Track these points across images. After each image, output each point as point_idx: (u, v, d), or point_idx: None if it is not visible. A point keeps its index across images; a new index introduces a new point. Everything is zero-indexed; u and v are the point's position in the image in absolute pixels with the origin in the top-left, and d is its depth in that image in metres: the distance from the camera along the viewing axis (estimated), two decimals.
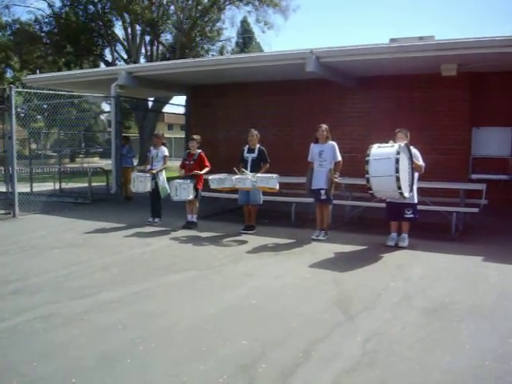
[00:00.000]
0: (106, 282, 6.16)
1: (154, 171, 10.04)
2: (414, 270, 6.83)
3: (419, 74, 12.05)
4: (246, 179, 8.66)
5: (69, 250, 7.98)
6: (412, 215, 7.93)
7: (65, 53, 29.95)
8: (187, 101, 17.54)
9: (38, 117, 32.67)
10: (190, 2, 29.13)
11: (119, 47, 29.66)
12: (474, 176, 11.80)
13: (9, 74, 37.28)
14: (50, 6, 29.36)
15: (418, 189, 8.15)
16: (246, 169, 9.02)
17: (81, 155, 27.34)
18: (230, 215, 11.06)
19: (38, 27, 29.55)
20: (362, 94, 13.20)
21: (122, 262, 7.25)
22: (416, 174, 7.79)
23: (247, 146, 9.30)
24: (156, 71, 13.97)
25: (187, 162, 9.80)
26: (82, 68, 31.93)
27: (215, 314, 5.01)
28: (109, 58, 30.16)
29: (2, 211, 11.46)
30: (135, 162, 17.23)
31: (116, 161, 13.92)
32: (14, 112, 11.29)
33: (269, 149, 9.45)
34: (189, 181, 9.50)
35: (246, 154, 9.22)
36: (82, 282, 6.18)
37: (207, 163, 9.74)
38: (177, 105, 29.30)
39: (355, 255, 7.66)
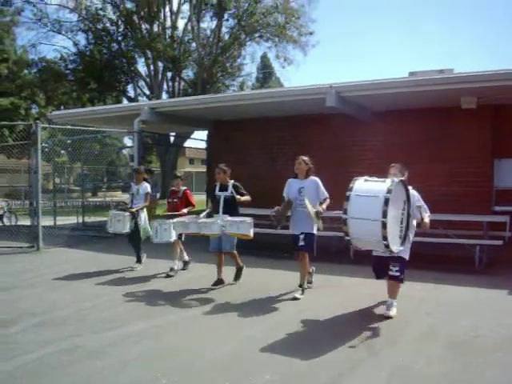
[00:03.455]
0: (127, 315, 6.21)
1: (134, 209, 9.13)
2: (438, 302, 6.76)
3: (439, 107, 12.08)
4: (213, 224, 7.35)
5: (91, 284, 8.05)
6: (398, 273, 6.07)
7: (89, 89, 30.72)
8: (208, 135, 17.74)
9: (62, 151, 33.44)
10: (210, 39, 29.72)
11: (142, 83, 30.30)
12: (498, 208, 11.68)
13: (34, 110, 38.29)
14: (76, 44, 30.30)
15: (439, 221, 7.75)
16: (218, 209, 7.70)
17: (103, 189, 27.73)
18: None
19: (63, 65, 30.37)
20: (381, 127, 13.21)
21: (144, 295, 7.32)
22: (414, 222, 6.17)
23: (219, 183, 8.00)
24: (178, 107, 14.18)
25: (170, 200, 9.08)
26: (105, 103, 32.62)
27: (235, 349, 5.01)
28: (131, 93, 30.82)
29: (27, 244, 11.60)
30: (158, 195, 17.39)
31: None
32: (39, 147, 11.57)
33: None
34: (170, 221, 8.42)
35: (217, 192, 7.88)
36: (104, 315, 6.23)
37: (193, 201, 9.03)
38: (198, 139, 29.70)
39: (374, 288, 7.34)
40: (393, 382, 4.18)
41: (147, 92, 29.60)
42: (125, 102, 35.29)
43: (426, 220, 6.00)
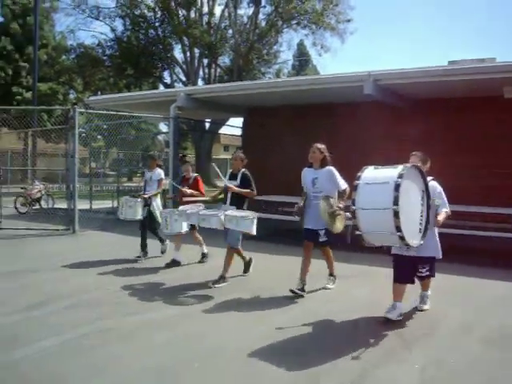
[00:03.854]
0: (152, 301, 6.26)
1: (146, 196, 8.87)
2: (471, 297, 6.62)
3: (480, 97, 11.76)
4: (213, 217, 6.74)
5: (124, 266, 8.19)
6: (428, 272, 5.68)
7: (125, 75, 30.96)
8: (244, 122, 17.70)
9: (99, 137, 33.90)
10: (247, 26, 29.59)
11: (178, 70, 30.39)
12: None
13: (72, 95, 38.86)
14: (113, 30, 30.59)
15: (471, 214, 7.12)
16: (226, 201, 7.17)
17: (138, 174, 28.01)
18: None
19: (100, 51, 30.67)
20: (419, 116, 12.96)
21: (177, 279, 7.35)
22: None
23: (230, 170, 7.52)
24: (214, 93, 14.17)
25: (181, 187, 8.71)
26: (141, 89, 32.85)
27: (264, 335, 4.99)
28: (168, 80, 30.95)
29: (63, 227, 11.81)
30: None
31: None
32: (77, 132, 11.71)
33: None
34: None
35: (226, 181, 7.27)
36: (130, 299, 6.33)
37: (202, 189, 8.54)
38: (233, 126, 29.65)
39: None
40: (426, 376, 4.10)
41: (183, 78, 29.70)
42: (161, 88, 35.47)
43: (439, 217, 5.40)
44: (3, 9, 37.36)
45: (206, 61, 29.98)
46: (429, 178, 5.46)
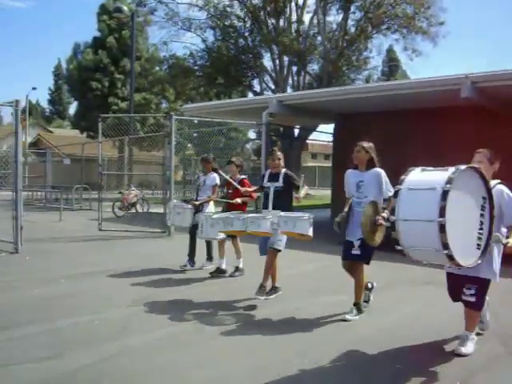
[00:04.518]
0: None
1: (197, 203, 8.18)
2: None
3: None
4: (262, 219, 6.04)
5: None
6: (473, 298, 4.54)
7: (216, 84, 31.61)
8: (335, 128, 17.54)
9: (189, 145, 34.77)
10: (336, 33, 29.40)
11: (267, 78, 30.62)
12: None
13: (164, 105, 40.17)
14: (204, 40, 31.27)
15: None
16: (267, 205, 6.48)
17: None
18: None
19: (192, 61, 31.47)
20: None
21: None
22: (503, 229, 4.50)
23: (268, 170, 6.82)
24: (306, 99, 14.15)
25: (225, 191, 8.22)
26: (230, 98, 33.48)
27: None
28: (257, 88, 31.28)
29: (159, 230, 12.25)
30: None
31: None
32: (173, 138, 12.03)
33: None
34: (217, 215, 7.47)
35: (266, 183, 6.64)
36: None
37: (252, 192, 7.42)
38: (324, 132, 29.48)
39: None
40: None
41: (272, 86, 29.89)
42: (249, 96, 35.84)
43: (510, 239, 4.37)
44: (100, 24, 39.27)
45: (294, 68, 30.03)
46: (494, 182, 4.50)
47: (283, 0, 28.25)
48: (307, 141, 29.46)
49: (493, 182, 4.44)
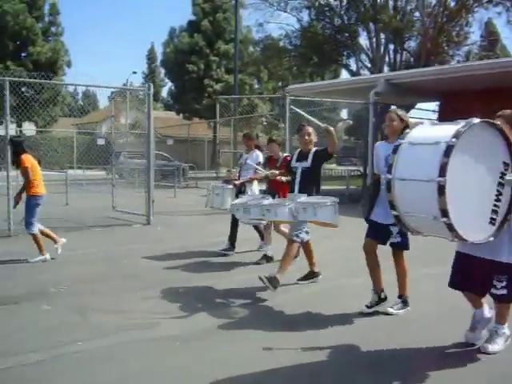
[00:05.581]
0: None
1: (238, 182, 7.58)
2: None
3: None
4: (280, 206, 5.40)
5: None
6: (506, 291, 3.80)
7: (310, 64, 31.78)
8: (440, 106, 17.42)
9: (282, 125, 35.24)
10: (436, 8, 28.72)
11: (363, 57, 30.49)
12: None
13: (256, 86, 40.70)
14: (299, 20, 31.51)
15: None
16: (293, 187, 5.84)
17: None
18: None
19: (287, 41, 31.82)
20: None
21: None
22: None
23: (298, 149, 6.13)
24: (415, 78, 14.21)
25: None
26: (323, 78, 33.54)
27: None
28: (353, 67, 31.20)
29: None
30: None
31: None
32: (287, 119, 12.49)
33: None
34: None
35: (294, 163, 6.00)
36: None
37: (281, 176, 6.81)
38: (423, 110, 29.08)
39: None
40: None
41: (368, 65, 29.71)
42: (343, 75, 35.77)
43: None
44: (195, 8, 40.16)
45: (391, 46, 29.69)
46: None
47: None
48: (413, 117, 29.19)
49: None
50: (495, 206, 3.48)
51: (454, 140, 3.20)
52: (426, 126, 3.75)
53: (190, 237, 9.43)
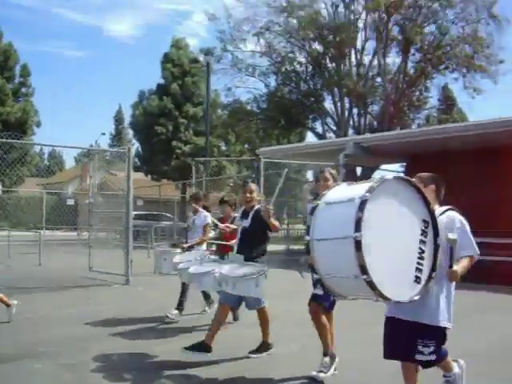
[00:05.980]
0: None
1: (185, 246, 7.21)
2: None
3: None
4: (205, 275, 5.29)
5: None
6: (434, 356, 3.57)
7: (278, 127, 32.73)
8: (406, 168, 18.05)
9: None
10: (396, 74, 30.16)
11: (328, 120, 31.55)
12: None
13: (223, 148, 41.29)
14: (267, 85, 32.66)
15: None
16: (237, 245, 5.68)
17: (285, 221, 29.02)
18: None
19: (255, 105, 32.80)
20: None
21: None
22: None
23: (243, 207, 5.88)
24: (381, 141, 14.81)
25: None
26: (289, 140, 34.43)
27: None
28: (319, 130, 32.23)
29: None
30: None
31: None
32: (262, 180, 12.80)
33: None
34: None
35: (237, 221, 5.94)
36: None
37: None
38: (387, 170, 29.95)
39: None
40: None
41: (334, 128, 30.75)
42: (308, 137, 36.78)
43: (460, 265, 3.50)
44: (164, 72, 41.08)
45: (355, 110, 30.89)
46: (443, 208, 3.76)
47: (348, 46, 29.35)
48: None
49: (441, 208, 3.75)
50: (418, 263, 3.39)
51: (367, 194, 3.18)
52: (343, 185, 3.69)
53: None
